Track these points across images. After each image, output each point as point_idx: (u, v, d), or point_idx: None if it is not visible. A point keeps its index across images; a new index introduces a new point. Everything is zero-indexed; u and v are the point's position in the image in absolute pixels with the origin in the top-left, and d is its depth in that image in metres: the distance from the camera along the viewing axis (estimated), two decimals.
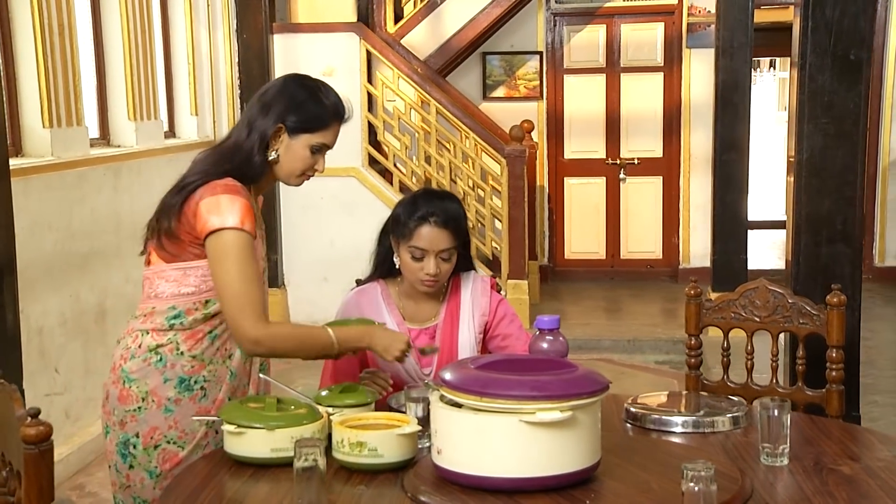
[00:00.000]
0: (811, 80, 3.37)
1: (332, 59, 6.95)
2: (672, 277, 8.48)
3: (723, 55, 6.40)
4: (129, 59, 5.65)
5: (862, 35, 3.35)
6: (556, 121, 8.46)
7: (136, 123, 5.73)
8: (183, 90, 6.54)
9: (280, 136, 2.42)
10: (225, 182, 2.36)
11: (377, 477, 2.11)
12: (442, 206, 2.73)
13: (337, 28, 7.00)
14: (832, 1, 3.33)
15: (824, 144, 3.37)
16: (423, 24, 7.53)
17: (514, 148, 6.71)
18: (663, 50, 8.35)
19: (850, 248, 3.39)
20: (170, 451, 2.40)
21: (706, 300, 2.97)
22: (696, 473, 1.75)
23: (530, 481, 1.95)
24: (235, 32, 6.86)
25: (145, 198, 5.69)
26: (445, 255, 2.70)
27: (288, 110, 2.41)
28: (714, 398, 2.72)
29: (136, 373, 2.40)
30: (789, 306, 2.86)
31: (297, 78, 2.50)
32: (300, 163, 2.45)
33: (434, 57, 7.48)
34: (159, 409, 2.39)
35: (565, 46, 8.44)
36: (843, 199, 3.38)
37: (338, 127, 2.49)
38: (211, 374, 2.43)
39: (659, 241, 8.52)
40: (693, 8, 8.18)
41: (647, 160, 8.40)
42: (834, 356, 2.80)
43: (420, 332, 2.78)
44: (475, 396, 1.95)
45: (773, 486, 2.06)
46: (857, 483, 2.06)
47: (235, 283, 2.31)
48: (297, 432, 2.18)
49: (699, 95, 8.20)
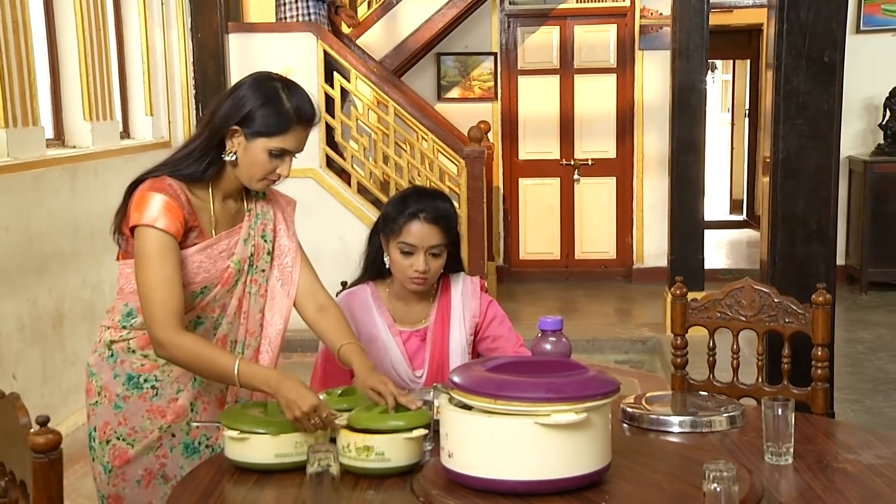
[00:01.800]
0: (786, 82, 3.41)
1: (288, 60, 6.87)
2: (626, 277, 8.54)
3: (679, 57, 6.45)
4: (84, 59, 5.54)
5: (835, 37, 3.41)
6: (511, 122, 8.48)
7: (91, 124, 5.62)
8: (137, 90, 6.43)
9: (237, 138, 2.31)
10: (155, 179, 2.32)
11: (385, 481, 2.09)
12: (432, 203, 2.71)
13: (294, 28, 6.94)
14: (806, 4, 3.38)
15: (799, 145, 3.41)
16: (379, 24, 7.50)
17: (473, 149, 6.71)
18: (616, 52, 8.41)
19: (825, 247, 3.44)
20: (119, 447, 2.38)
21: (692, 300, 2.97)
22: (719, 474, 1.75)
23: (544, 484, 1.94)
24: (190, 32, 6.76)
25: (102, 200, 5.59)
26: (435, 251, 2.68)
27: (246, 111, 2.29)
28: (701, 397, 2.74)
29: (95, 366, 2.42)
30: (775, 305, 2.89)
31: (263, 77, 2.37)
32: (259, 167, 2.33)
33: (390, 57, 7.46)
34: (110, 405, 2.38)
35: (519, 48, 8.46)
36: (818, 199, 3.43)
37: (301, 132, 2.34)
38: (164, 375, 2.38)
39: (613, 242, 8.59)
40: (645, 10, 8.25)
41: (601, 161, 8.46)
42: (819, 354, 2.83)
43: (411, 334, 2.76)
44: (489, 399, 1.94)
45: (781, 484, 2.07)
46: (864, 481, 2.08)
47: (148, 282, 2.25)
48: (301, 437, 2.15)
49: (652, 97, 8.28)
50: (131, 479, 2.38)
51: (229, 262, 2.41)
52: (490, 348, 2.80)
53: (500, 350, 2.78)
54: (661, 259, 8.15)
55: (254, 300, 2.48)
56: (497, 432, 1.94)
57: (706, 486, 1.76)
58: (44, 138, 5.15)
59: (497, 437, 1.94)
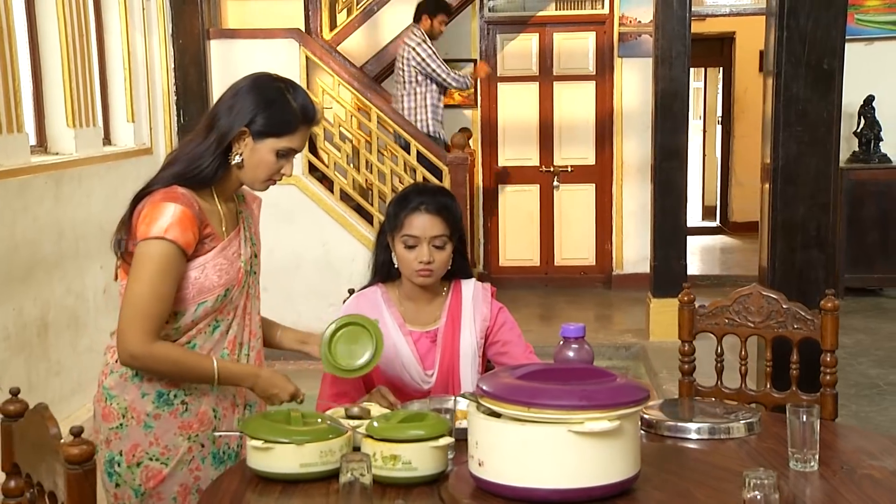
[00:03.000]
0: (786, 89, 3.42)
1: (270, 66, 6.78)
2: (605, 284, 8.57)
3: (661, 64, 6.48)
4: (67, 65, 5.47)
5: (833, 45, 3.43)
6: (491, 128, 8.48)
7: (75, 130, 5.55)
8: (119, 97, 6.36)
9: (244, 140, 2.30)
10: (167, 189, 2.27)
11: (412, 490, 2.07)
12: (433, 196, 2.73)
13: (276, 34, 6.90)
14: (805, 12, 3.40)
15: (799, 152, 3.43)
16: (360, 31, 7.48)
17: (457, 155, 6.71)
18: (595, 59, 8.44)
19: (823, 253, 3.46)
20: (153, 468, 2.33)
21: (700, 306, 2.98)
22: (759, 482, 1.75)
23: (577, 492, 1.93)
24: (171, 38, 6.70)
25: (86, 207, 5.52)
26: (438, 242, 2.67)
27: (253, 113, 2.28)
28: (710, 403, 2.74)
29: (115, 388, 2.34)
30: (783, 312, 2.90)
31: (265, 78, 2.37)
32: (265, 168, 2.33)
33: (371, 64, 7.44)
34: (139, 426, 2.32)
35: (499, 55, 8.47)
36: (816, 205, 3.44)
37: (306, 131, 2.36)
38: (191, 388, 2.35)
39: (592, 248, 8.61)
40: (624, 18, 8.29)
41: (581, 168, 8.48)
42: (828, 360, 2.84)
43: (422, 335, 2.75)
44: (522, 407, 1.92)
45: (810, 491, 2.07)
46: (893, 487, 2.08)
47: (139, 293, 2.21)
48: (326, 447, 2.13)
49: (631, 104, 8.32)
50: (167, 498, 2.33)
51: (240, 263, 2.39)
52: (500, 353, 2.79)
53: (509, 356, 2.77)
54: (641, 265, 8.19)
55: (253, 302, 2.48)
56: (530, 440, 1.92)
57: (746, 494, 1.76)
58: (28, 145, 5.08)
59: (530, 445, 1.93)
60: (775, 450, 2.30)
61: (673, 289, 6.62)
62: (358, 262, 6.88)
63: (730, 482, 2.08)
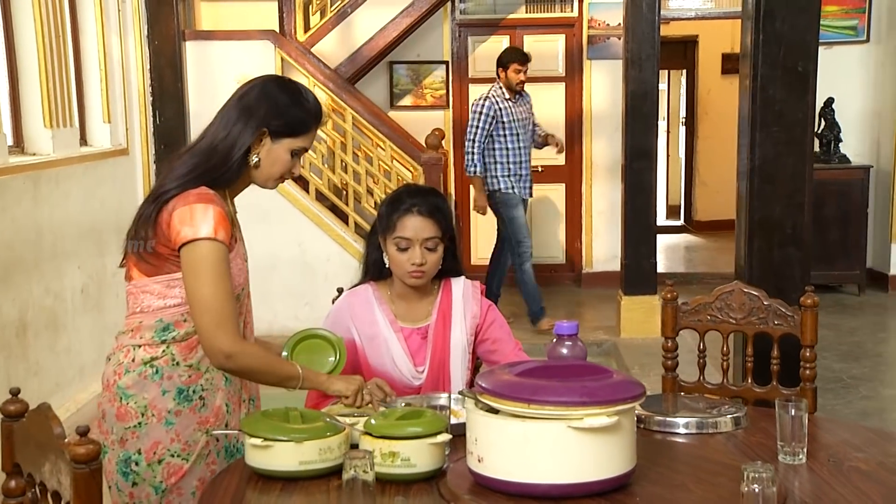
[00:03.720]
0: (762, 91, 3.45)
1: (246, 67, 6.78)
2: (576, 282, 8.59)
3: (632, 66, 6.50)
4: (44, 65, 5.40)
5: (808, 48, 3.46)
6: (462, 129, 8.42)
7: (52, 131, 5.48)
8: (95, 97, 6.29)
9: (262, 141, 2.34)
10: (198, 191, 2.27)
11: (411, 487, 2.06)
12: (425, 198, 2.73)
13: (251, 36, 6.86)
14: (781, 15, 3.43)
15: (776, 152, 3.46)
16: (334, 33, 7.43)
17: (431, 156, 6.69)
18: (565, 61, 8.45)
19: (800, 251, 3.49)
20: (174, 464, 2.31)
21: (682, 303, 2.99)
22: (757, 475, 1.76)
23: (577, 487, 1.93)
24: (147, 39, 6.64)
25: (64, 208, 5.47)
26: (430, 244, 2.67)
27: (272, 115, 2.33)
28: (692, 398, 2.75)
29: (133, 387, 2.31)
30: (764, 308, 2.91)
31: (278, 81, 2.44)
32: (280, 166, 2.39)
33: (345, 65, 7.40)
34: (160, 423, 2.30)
35: (470, 56, 8.47)
36: (793, 204, 3.47)
37: (316, 130, 2.44)
38: (208, 383, 2.35)
39: (562, 247, 8.63)
40: (593, 21, 8.31)
41: (551, 168, 8.48)
42: (808, 355, 2.87)
43: (412, 332, 2.74)
44: (522, 403, 1.92)
45: (801, 484, 2.08)
46: (881, 479, 2.10)
47: (211, 295, 2.22)
48: (324, 444, 2.12)
49: (600, 105, 8.35)
50: (187, 492, 2.32)
51: (245, 263, 2.43)
52: (490, 350, 2.79)
53: (499, 353, 2.77)
54: (611, 263, 8.24)
55: (250, 301, 2.50)
56: (530, 436, 1.93)
57: (745, 487, 1.77)
58: (6, 145, 5.01)
59: (530, 441, 1.93)
60: (763, 443, 2.32)
61: (643, 286, 6.68)
62: (333, 261, 6.87)
63: (722, 475, 2.10)
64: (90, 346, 5.72)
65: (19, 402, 1.94)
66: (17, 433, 1.92)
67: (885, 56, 8.23)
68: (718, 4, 8.68)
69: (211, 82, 6.84)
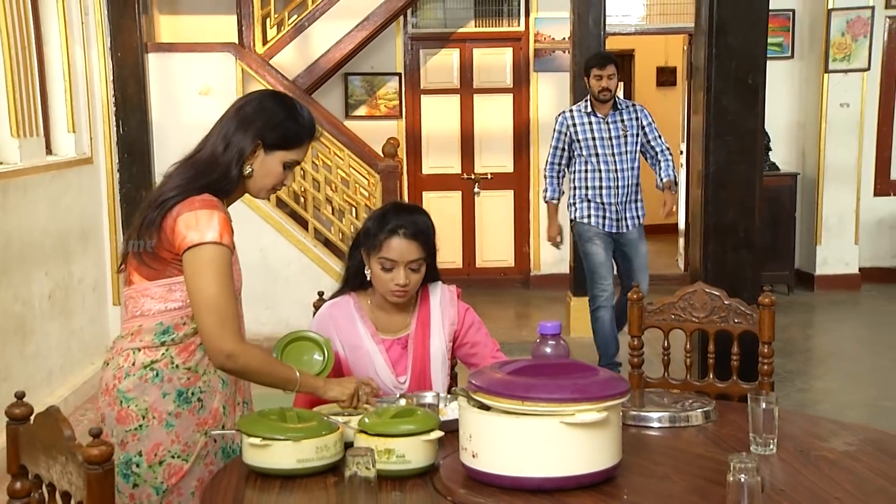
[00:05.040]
0: (716, 102, 3.50)
1: (208, 79, 6.74)
2: (524, 284, 8.64)
3: (579, 78, 6.53)
4: (10, 77, 5.27)
5: (758, 62, 3.52)
6: (415, 138, 8.49)
7: (19, 140, 5.35)
8: (60, 107, 6.15)
9: (256, 153, 2.33)
10: (202, 197, 2.26)
11: (406, 483, 2.06)
12: (411, 218, 2.69)
13: (213, 48, 6.79)
14: (733, 30, 3.48)
15: (729, 160, 3.51)
16: (291, 45, 7.37)
17: (388, 164, 6.68)
18: (512, 73, 8.50)
19: (751, 254, 3.54)
20: (175, 465, 2.29)
21: (648, 304, 3.02)
22: (742, 465, 1.78)
23: (568, 480, 1.94)
24: (110, 51, 6.52)
25: (32, 215, 5.35)
26: (414, 265, 2.65)
27: (267, 128, 2.33)
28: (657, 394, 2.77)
29: (133, 391, 2.28)
30: (725, 307, 2.95)
31: (273, 95, 2.44)
32: (272, 178, 2.37)
33: (302, 77, 7.35)
34: (161, 425, 2.28)
35: (422, 69, 8.48)
36: (745, 209, 3.53)
37: (309, 143, 2.43)
38: (206, 385, 2.33)
39: (511, 250, 8.67)
40: (539, 35, 8.37)
41: (500, 175, 8.53)
42: (766, 351, 2.91)
43: (393, 342, 2.72)
44: (517, 401, 1.93)
45: (774, 473, 2.11)
46: (847, 467, 2.13)
47: (216, 296, 2.21)
48: (321, 442, 2.10)
49: (546, 115, 8.37)
50: (186, 493, 2.29)
51: (240, 270, 2.41)
52: (469, 353, 2.79)
53: (478, 356, 2.77)
54: (557, 266, 8.29)
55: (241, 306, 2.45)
56: (524, 432, 1.93)
57: (731, 477, 1.79)
58: None
59: (524, 437, 1.93)
60: (734, 435, 2.35)
61: None
62: (293, 265, 6.82)
63: (701, 466, 2.13)
64: (57, 351, 5.61)
65: (24, 405, 1.91)
66: (23, 436, 1.88)
67: (808, 71, 8.41)
68: (651, 21, 8.80)
69: (173, 93, 6.75)
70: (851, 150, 8.22)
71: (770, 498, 1.93)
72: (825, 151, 8.23)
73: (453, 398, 2.50)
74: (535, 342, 2.34)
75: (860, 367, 6.34)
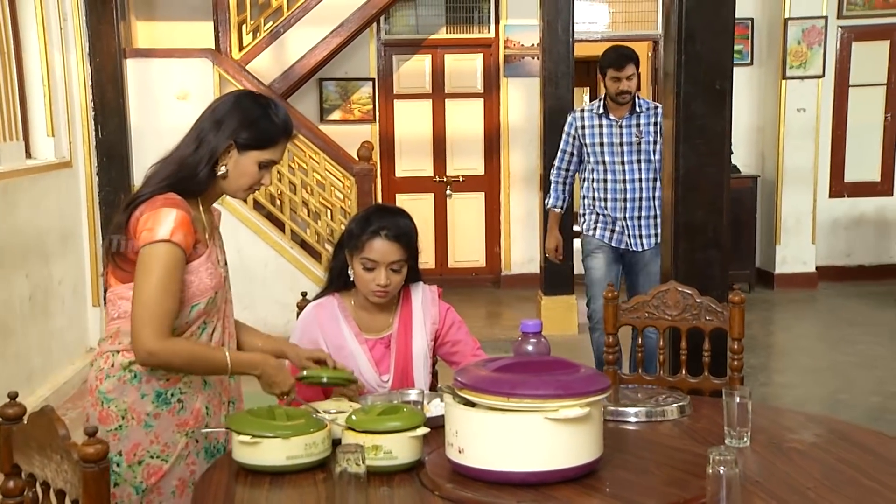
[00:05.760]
0: (685, 107, 3.51)
1: (185, 84, 6.69)
2: (495, 283, 8.65)
3: (548, 84, 6.58)
4: None
5: (724, 67, 3.53)
6: (388, 142, 8.47)
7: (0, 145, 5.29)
8: (39, 112, 6.09)
9: (230, 152, 2.28)
10: (165, 196, 2.22)
11: (393, 478, 2.05)
12: (394, 221, 2.68)
13: (190, 54, 6.75)
14: (701, 37, 3.49)
15: (698, 163, 3.52)
16: (267, 51, 7.33)
17: (363, 167, 6.67)
18: (483, 78, 8.51)
19: (720, 253, 3.56)
20: (154, 465, 2.25)
21: (622, 302, 3.03)
22: (723, 458, 1.79)
23: (552, 474, 1.94)
24: (88, 56, 6.45)
25: (12, 219, 5.28)
26: (396, 266, 2.65)
27: (241, 127, 2.27)
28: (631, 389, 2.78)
29: (113, 392, 2.25)
30: (697, 305, 2.97)
31: (249, 95, 2.37)
32: (248, 178, 2.31)
33: (278, 82, 7.31)
34: (139, 426, 2.25)
35: (395, 74, 8.46)
36: (713, 210, 3.54)
37: (285, 143, 2.36)
38: (186, 386, 2.30)
39: (482, 251, 8.68)
40: (509, 42, 8.38)
41: (471, 177, 8.54)
42: (736, 347, 2.93)
43: (376, 342, 2.71)
44: (502, 397, 1.93)
45: (748, 465, 2.12)
46: (817, 458, 2.15)
47: (149, 293, 2.16)
48: (310, 439, 2.09)
49: (516, 119, 8.43)
50: (167, 492, 2.27)
51: (220, 268, 2.36)
52: (450, 352, 2.78)
53: (459, 354, 2.77)
54: (527, 266, 8.32)
55: (230, 305, 2.45)
56: (510, 428, 1.93)
57: (710, 469, 1.80)
58: None
59: (510, 432, 1.93)
60: (708, 428, 2.36)
61: (561, 287, 6.76)
62: (270, 266, 6.79)
63: (679, 459, 2.14)
64: (38, 352, 5.54)
65: (17, 405, 1.88)
66: (17, 436, 1.85)
67: (766, 77, 8.49)
68: (616, 28, 8.84)
69: (151, 98, 6.70)
70: (808, 153, 8.31)
71: (746, 489, 1.93)
72: (784, 154, 8.31)
73: (435, 396, 2.50)
74: (517, 340, 2.34)
75: (818, 362, 6.41)
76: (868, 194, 8.65)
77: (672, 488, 1.97)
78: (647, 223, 4.79)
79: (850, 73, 8.49)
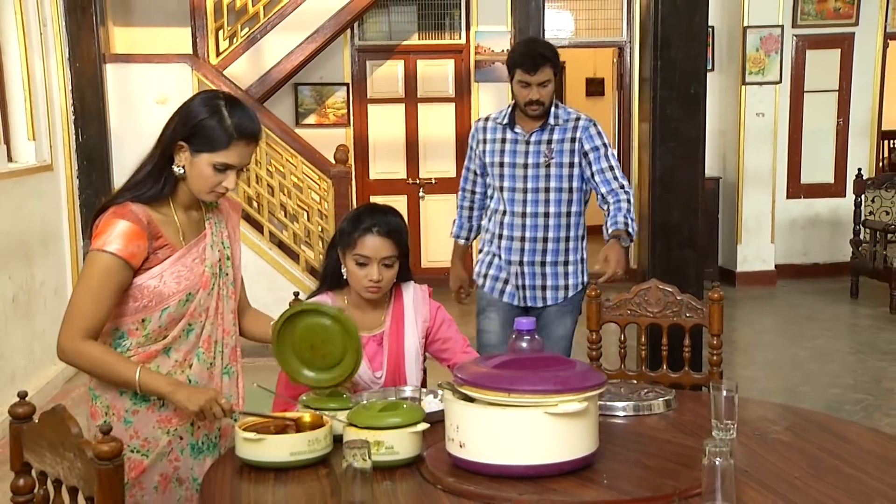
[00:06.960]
0: (661, 111, 3.54)
1: (164, 88, 6.63)
2: None
3: None
4: None
5: (698, 73, 3.57)
6: (362, 145, 8.45)
7: None
8: (20, 116, 5.99)
9: (183, 153, 2.20)
10: (119, 206, 2.20)
11: (395, 472, 2.04)
12: (385, 218, 2.68)
13: (170, 59, 6.68)
14: (676, 44, 3.53)
15: (673, 165, 3.55)
16: (244, 57, 7.29)
17: (340, 169, 6.64)
18: (454, 83, 8.51)
19: (694, 252, 3.59)
20: (134, 459, 2.24)
21: (605, 300, 3.05)
22: (718, 449, 1.80)
23: (551, 467, 1.95)
24: (68, 61, 6.37)
25: None
26: (388, 261, 2.65)
27: (185, 128, 2.19)
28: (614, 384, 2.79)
29: (98, 388, 2.27)
30: (678, 302, 2.99)
31: (206, 96, 2.26)
32: (204, 180, 2.21)
33: (255, 87, 7.27)
34: (119, 422, 2.24)
35: (368, 79, 8.44)
36: (688, 210, 3.58)
37: (243, 147, 2.21)
38: None
39: None
40: (479, 47, 8.39)
41: (443, 180, 8.53)
42: (715, 343, 2.96)
43: (369, 339, 2.71)
44: (503, 393, 1.93)
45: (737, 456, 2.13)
46: (800, 448, 2.18)
47: (78, 295, 2.16)
48: (312, 436, 2.08)
49: None
50: (149, 487, 2.25)
51: (204, 267, 2.30)
52: (441, 349, 2.78)
53: (450, 352, 2.77)
54: None
55: (226, 302, 2.38)
56: (511, 423, 1.93)
57: (706, 461, 1.81)
58: None
59: (510, 427, 1.93)
60: (694, 421, 2.38)
61: None
62: (250, 268, 6.67)
63: (669, 451, 2.15)
64: (21, 353, 5.46)
65: (27, 404, 1.86)
66: (27, 434, 1.83)
67: (727, 83, 8.57)
68: (580, 35, 8.89)
69: (131, 102, 6.63)
70: (767, 155, 8.41)
71: (736, 479, 1.95)
72: (744, 157, 8.41)
73: (428, 392, 2.50)
74: (512, 338, 2.33)
75: (780, 357, 6.49)
76: (822, 195, 8.77)
77: (666, 479, 1.98)
78: (555, 272, 3.60)
79: (805, 80, 8.60)
